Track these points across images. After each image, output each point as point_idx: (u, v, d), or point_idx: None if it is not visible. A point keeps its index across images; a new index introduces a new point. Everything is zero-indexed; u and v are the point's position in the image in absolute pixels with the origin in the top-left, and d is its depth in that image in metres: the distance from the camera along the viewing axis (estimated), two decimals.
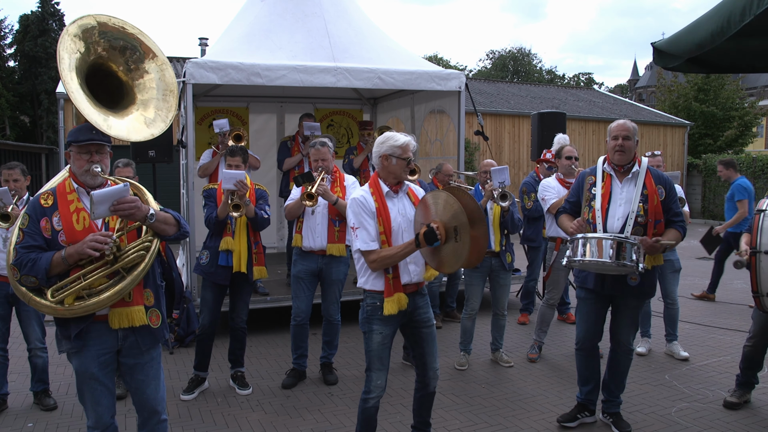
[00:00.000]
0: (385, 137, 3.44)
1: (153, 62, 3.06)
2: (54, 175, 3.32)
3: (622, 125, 3.83)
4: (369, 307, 3.37)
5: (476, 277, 5.26)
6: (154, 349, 2.94)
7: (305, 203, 4.61)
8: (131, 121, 2.93)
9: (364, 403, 3.43)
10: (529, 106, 20.12)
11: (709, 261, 11.20)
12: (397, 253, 3.23)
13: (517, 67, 55.79)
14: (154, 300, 2.90)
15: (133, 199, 2.64)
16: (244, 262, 4.66)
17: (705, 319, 6.96)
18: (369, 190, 3.42)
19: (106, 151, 2.85)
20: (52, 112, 27.00)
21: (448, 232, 3.07)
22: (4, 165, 4.48)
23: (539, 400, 4.61)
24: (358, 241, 3.29)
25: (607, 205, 3.83)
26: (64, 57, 2.75)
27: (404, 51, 7.64)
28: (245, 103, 9.11)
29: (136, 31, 3.04)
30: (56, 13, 31.00)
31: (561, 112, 8.55)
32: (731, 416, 4.29)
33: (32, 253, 2.64)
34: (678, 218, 3.80)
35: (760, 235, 4.14)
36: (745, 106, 22.29)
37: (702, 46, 3.20)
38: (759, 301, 4.16)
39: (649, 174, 3.80)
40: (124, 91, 3.05)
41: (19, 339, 4.88)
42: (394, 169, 3.40)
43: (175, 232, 2.85)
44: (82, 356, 2.79)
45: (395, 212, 3.39)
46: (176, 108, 3.09)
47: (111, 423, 2.89)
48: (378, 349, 3.38)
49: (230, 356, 4.92)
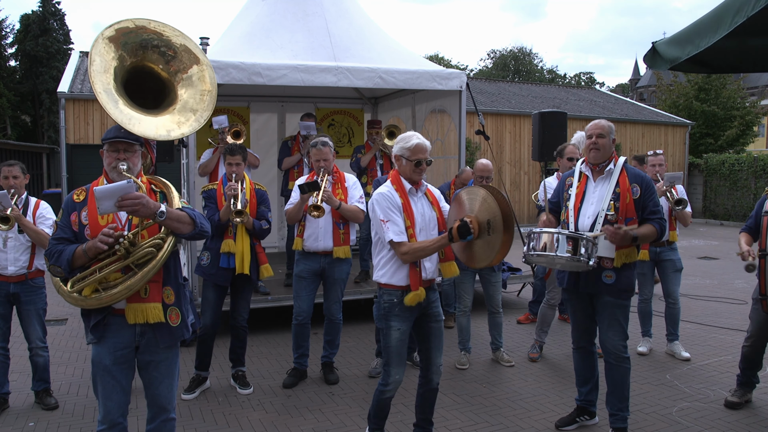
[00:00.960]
0: (402, 137, 3.51)
1: (193, 63, 3.17)
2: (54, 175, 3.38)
3: (596, 124, 3.86)
4: (386, 304, 3.41)
5: (466, 274, 5.27)
6: (173, 347, 2.97)
7: (313, 215, 4.58)
8: (164, 120, 3.02)
9: (380, 394, 3.51)
10: (530, 105, 20.11)
11: (709, 261, 11.20)
12: (429, 246, 3.29)
13: (518, 66, 55.80)
14: (174, 298, 2.92)
15: (137, 195, 2.65)
16: (247, 263, 4.66)
17: (706, 319, 6.95)
18: (393, 186, 3.45)
19: (136, 150, 2.90)
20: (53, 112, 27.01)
21: (481, 227, 3.10)
22: (4, 162, 4.50)
23: (540, 400, 4.61)
24: (390, 233, 3.31)
25: (579, 204, 3.87)
26: (95, 60, 2.90)
27: (405, 50, 7.64)
28: (246, 102, 9.10)
29: (176, 33, 3.16)
30: (57, 12, 31.03)
31: (562, 112, 8.53)
32: (732, 416, 4.29)
33: (60, 245, 2.77)
34: (655, 216, 3.73)
35: None
36: (747, 105, 22.26)
37: (701, 47, 3.20)
38: (765, 303, 4.16)
39: (624, 172, 3.79)
40: (166, 92, 3.15)
41: (20, 338, 4.88)
42: (404, 170, 3.46)
43: (191, 231, 2.83)
44: (99, 347, 2.85)
45: (416, 210, 3.44)
46: (212, 109, 3.16)
47: (120, 422, 2.89)
48: (397, 345, 3.43)
49: (231, 355, 4.92)
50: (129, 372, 2.91)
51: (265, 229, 4.75)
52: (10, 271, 4.34)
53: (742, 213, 18.11)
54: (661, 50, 3.58)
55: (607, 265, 3.74)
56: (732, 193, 18.73)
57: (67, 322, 7.04)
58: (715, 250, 11.96)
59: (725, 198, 18.99)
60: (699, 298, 8.16)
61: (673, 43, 3.49)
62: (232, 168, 4.74)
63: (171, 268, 2.92)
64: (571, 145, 5.61)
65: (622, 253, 3.72)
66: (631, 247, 3.73)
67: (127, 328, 2.83)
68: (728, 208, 18.87)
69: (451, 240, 3.18)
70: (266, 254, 4.97)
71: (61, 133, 13.69)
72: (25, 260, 4.38)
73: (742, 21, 2.78)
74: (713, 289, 8.72)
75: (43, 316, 4.56)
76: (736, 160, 18.72)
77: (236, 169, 4.74)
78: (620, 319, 3.82)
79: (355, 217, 4.79)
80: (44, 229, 4.39)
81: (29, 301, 4.45)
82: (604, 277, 3.75)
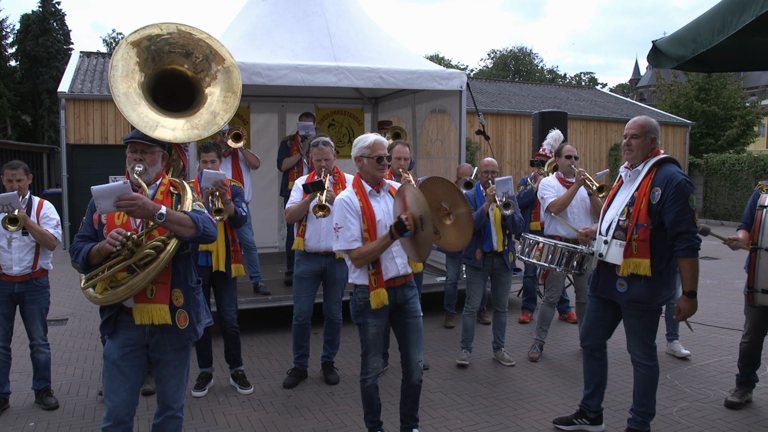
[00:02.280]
0: (357, 140, 3.63)
1: (220, 65, 3.24)
2: (55, 175, 3.43)
3: (632, 121, 3.69)
4: (361, 302, 3.56)
5: (478, 275, 5.28)
6: (182, 349, 2.98)
7: (318, 215, 4.59)
8: (182, 123, 3.08)
9: (363, 384, 3.64)
10: (530, 105, 20.13)
11: (709, 261, 11.20)
12: (375, 248, 3.40)
13: (518, 66, 55.82)
14: (183, 301, 2.93)
15: (133, 196, 2.66)
16: (222, 260, 4.69)
17: (706, 319, 6.95)
18: (353, 190, 3.57)
19: (155, 151, 2.95)
20: (54, 112, 27.02)
21: (416, 222, 3.19)
22: (7, 164, 4.48)
23: (540, 400, 4.61)
24: (339, 241, 3.48)
25: (607, 208, 3.84)
26: (117, 65, 3.01)
27: (405, 50, 7.64)
28: (246, 102, 9.10)
29: (204, 35, 3.23)
30: (57, 12, 31.05)
31: (562, 112, 8.54)
32: (733, 416, 4.29)
33: (81, 243, 2.87)
34: (681, 238, 3.38)
35: (763, 231, 4.15)
36: (747, 105, 22.28)
37: (703, 45, 3.19)
38: (753, 296, 4.18)
39: (651, 173, 3.55)
40: (195, 94, 3.24)
41: (21, 338, 4.89)
42: (367, 169, 3.57)
43: (192, 234, 2.82)
44: (111, 342, 2.91)
45: (379, 210, 3.54)
46: (233, 112, 3.22)
47: (125, 421, 2.87)
48: (373, 339, 3.58)
49: (227, 356, 4.92)
50: (138, 369, 2.91)
51: (243, 216, 4.79)
52: (15, 271, 4.35)
53: (742, 213, 18.08)
54: (664, 49, 3.54)
55: (620, 273, 3.61)
56: (732, 193, 18.74)
57: (67, 322, 7.04)
58: (715, 250, 11.94)
59: (725, 198, 19.00)
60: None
61: (675, 42, 3.45)
62: (207, 165, 4.74)
63: (181, 271, 2.93)
64: (569, 145, 5.62)
65: (630, 263, 3.52)
66: (642, 257, 3.49)
67: (137, 326, 2.86)
68: (728, 208, 18.87)
69: (393, 237, 3.29)
70: (267, 254, 4.97)
71: (62, 133, 13.69)
72: (30, 260, 4.40)
73: (751, 20, 2.75)
74: (713, 289, 8.72)
75: (45, 314, 4.57)
76: (736, 160, 18.73)
77: (211, 166, 4.74)
78: (636, 328, 3.66)
79: None
80: (48, 229, 4.39)
81: (33, 300, 4.46)
82: (618, 285, 3.63)
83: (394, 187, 3.67)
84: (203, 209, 2.95)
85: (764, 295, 4.11)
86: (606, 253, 3.69)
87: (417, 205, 3.20)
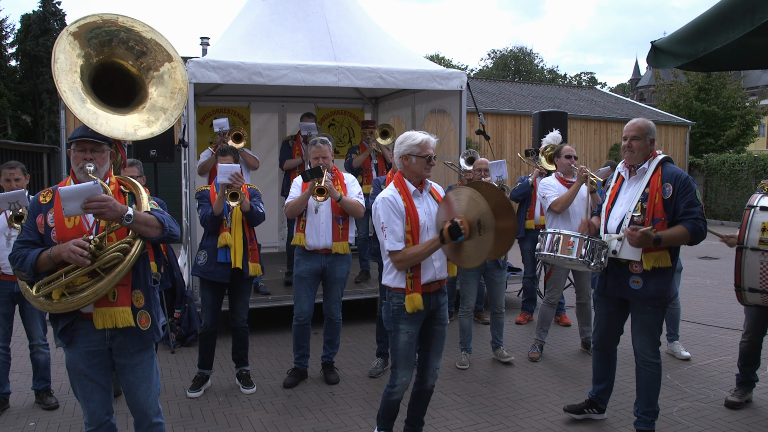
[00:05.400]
0: (404, 137, 3.45)
1: (164, 60, 3.04)
2: (55, 175, 3.35)
3: (631, 124, 3.78)
4: (395, 307, 3.37)
5: (471, 275, 5.27)
6: (145, 351, 2.89)
7: (316, 198, 4.60)
8: (133, 119, 2.89)
9: (388, 396, 3.52)
10: (530, 105, 20.12)
11: (709, 261, 11.20)
12: (422, 251, 3.25)
13: (518, 66, 55.82)
14: (144, 301, 2.85)
15: (103, 197, 2.58)
16: (239, 257, 4.67)
17: (706, 319, 6.95)
18: (396, 189, 3.41)
19: (104, 150, 2.81)
20: (54, 112, 27.01)
21: (471, 227, 3.07)
22: (5, 164, 4.48)
23: (540, 400, 4.61)
24: (387, 242, 3.30)
25: (611, 205, 3.85)
26: (59, 57, 2.75)
27: (405, 50, 7.64)
28: (246, 102, 9.10)
29: (146, 28, 3.02)
30: (58, 12, 31.02)
31: (562, 112, 8.54)
32: (733, 416, 4.29)
33: (24, 249, 2.69)
34: (688, 216, 3.52)
35: (749, 230, 4.17)
36: (747, 105, 22.27)
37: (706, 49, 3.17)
38: (740, 294, 4.19)
39: (658, 171, 3.67)
40: (136, 89, 3.03)
41: (21, 338, 4.88)
42: (415, 168, 3.41)
43: (159, 234, 2.75)
44: (71, 352, 2.80)
45: (422, 212, 3.40)
46: (183, 107, 3.05)
47: (106, 420, 2.86)
48: (404, 348, 3.41)
49: (234, 356, 4.93)
50: (106, 371, 2.86)
51: (261, 213, 4.74)
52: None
53: (742, 213, 18.10)
54: (666, 48, 3.53)
55: (635, 270, 3.64)
56: (732, 193, 18.74)
57: None
58: (715, 250, 11.95)
59: (726, 198, 19.00)
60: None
61: (677, 41, 3.44)
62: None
63: (140, 271, 2.84)
64: (568, 145, 5.62)
65: (650, 256, 3.57)
66: (661, 250, 3.57)
67: (97, 331, 2.76)
68: (729, 208, 18.87)
69: (443, 242, 3.15)
70: (267, 254, 4.97)
71: (62, 133, 13.66)
72: None
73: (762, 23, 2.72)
74: (713, 289, 8.72)
75: (44, 314, 4.56)
76: (736, 160, 18.73)
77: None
78: (650, 324, 3.71)
79: (356, 210, 4.79)
80: None
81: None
82: (632, 282, 3.66)
83: (435, 188, 3.56)
84: (159, 208, 2.87)
85: (752, 293, 4.12)
86: (620, 250, 3.68)
87: (473, 207, 3.05)
